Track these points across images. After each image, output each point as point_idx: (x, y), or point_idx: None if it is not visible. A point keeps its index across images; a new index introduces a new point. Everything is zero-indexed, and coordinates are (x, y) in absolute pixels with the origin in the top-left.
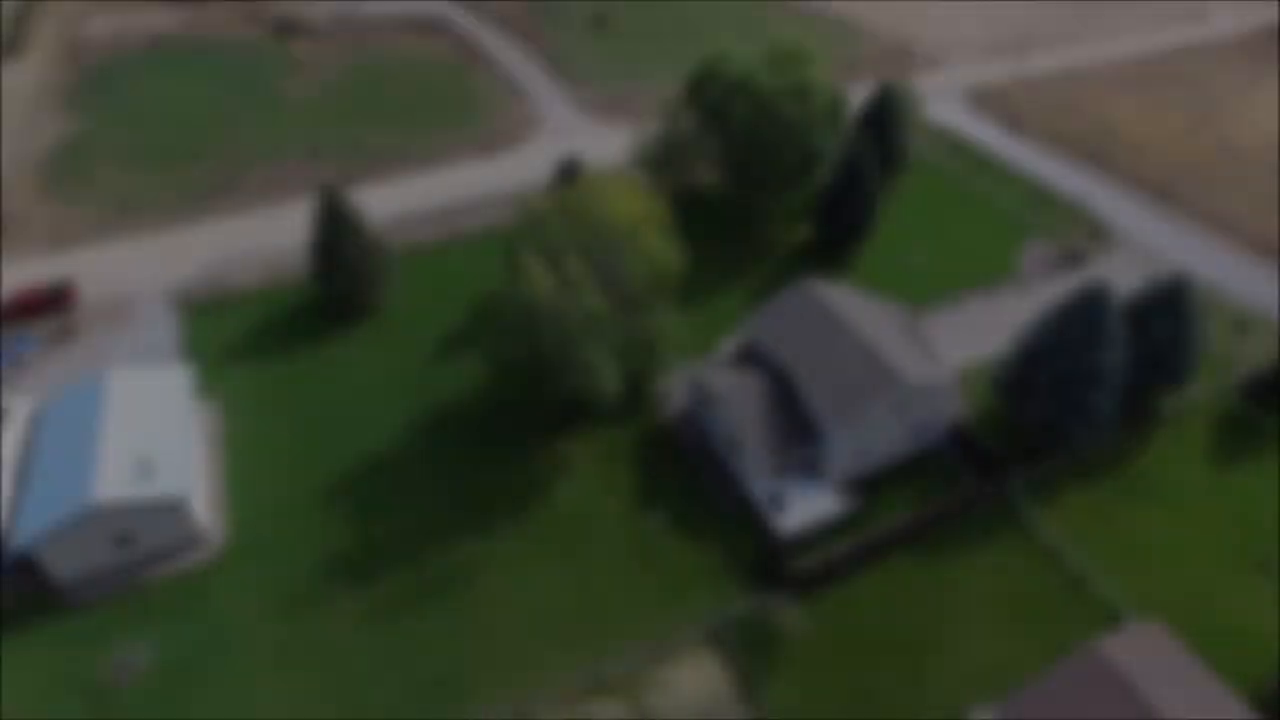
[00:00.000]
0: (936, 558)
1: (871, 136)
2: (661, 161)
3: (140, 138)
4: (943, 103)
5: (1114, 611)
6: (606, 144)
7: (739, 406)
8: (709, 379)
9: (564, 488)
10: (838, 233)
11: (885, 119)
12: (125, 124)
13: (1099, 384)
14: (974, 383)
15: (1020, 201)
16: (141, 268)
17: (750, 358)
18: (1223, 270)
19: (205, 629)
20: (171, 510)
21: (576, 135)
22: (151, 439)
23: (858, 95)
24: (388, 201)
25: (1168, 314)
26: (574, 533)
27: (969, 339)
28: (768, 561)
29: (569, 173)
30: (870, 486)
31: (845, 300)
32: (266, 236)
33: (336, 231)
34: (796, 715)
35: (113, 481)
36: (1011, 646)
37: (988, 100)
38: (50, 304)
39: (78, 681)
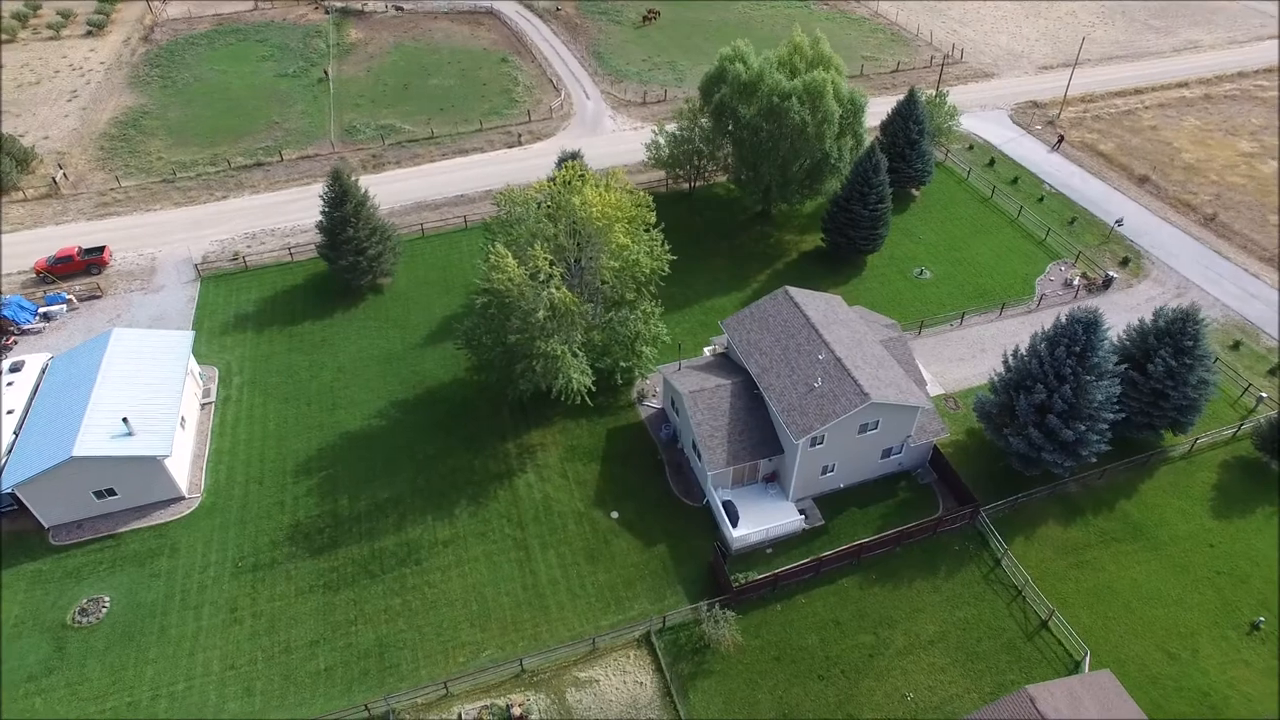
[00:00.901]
0: (893, 583)
1: (891, 145)
2: (676, 161)
3: (193, 114)
4: (987, 115)
5: (1074, 658)
6: (634, 140)
7: (702, 411)
8: (677, 380)
9: (527, 478)
10: (844, 242)
11: (907, 128)
12: (181, 101)
13: (1081, 416)
14: (965, 406)
15: (1053, 222)
16: (172, 236)
17: (726, 362)
18: (1261, 309)
19: (168, 582)
20: (148, 467)
21: (606, 131)
22: (139, 398)
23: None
24: (411, 186)
25: (1171, 349)
26: (529, 523)
27: (965, 361)
28: (713, 570)
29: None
30: (835, 504)
31: (827, 310)
32: (290, 213)
33: (343, 212)
34: None
35: (94, 436)
36: (954, 683)
37: (1036, 115)
38: (84, 266)
39: (46, 618)
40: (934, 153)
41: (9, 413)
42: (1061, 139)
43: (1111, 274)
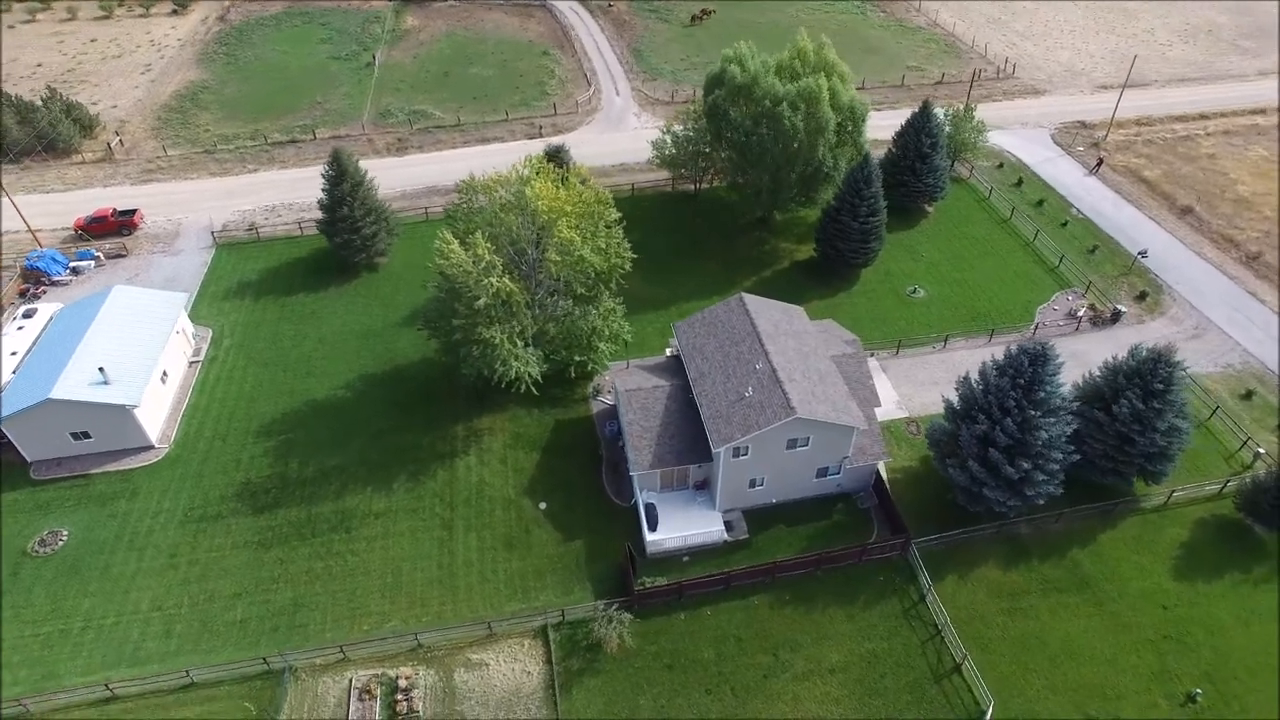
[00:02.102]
0: (806, 606)
1: (901, 158)
2: (679, 161)
3: (246, 91)
4: (1027, 133)
5: (980, 707)
6: (653, 138)
7: (635, 410)
8: (620, 378)
9: (468, 460)
10: (834, 253)
11: (919, 141)
12: (239, 78)
13: (1028, 453)
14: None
15: (1072, 248)
16: (201, 204)
17: (675, 364)
18: None
19: (121, 523)
20: (119, 415)
21: (628, 128)
22: (122, 351)
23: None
24: (427, 171)
25: (1140, 390)
26: (459, 505)
27: (939, 385)
28: (623, 571)
29: (553, 157)
30: (765, 520)
31: (780, 320)
32: (310, 190)
33: (340, 191)
34: None
35: (72, 382)
36: (845, 717)
37: (1080, 136)
38: (117, 226)
39: (8, 545)
40: (949, 167)
41: (12, 354)
42: (1100, 162)
43: (1120, 308)
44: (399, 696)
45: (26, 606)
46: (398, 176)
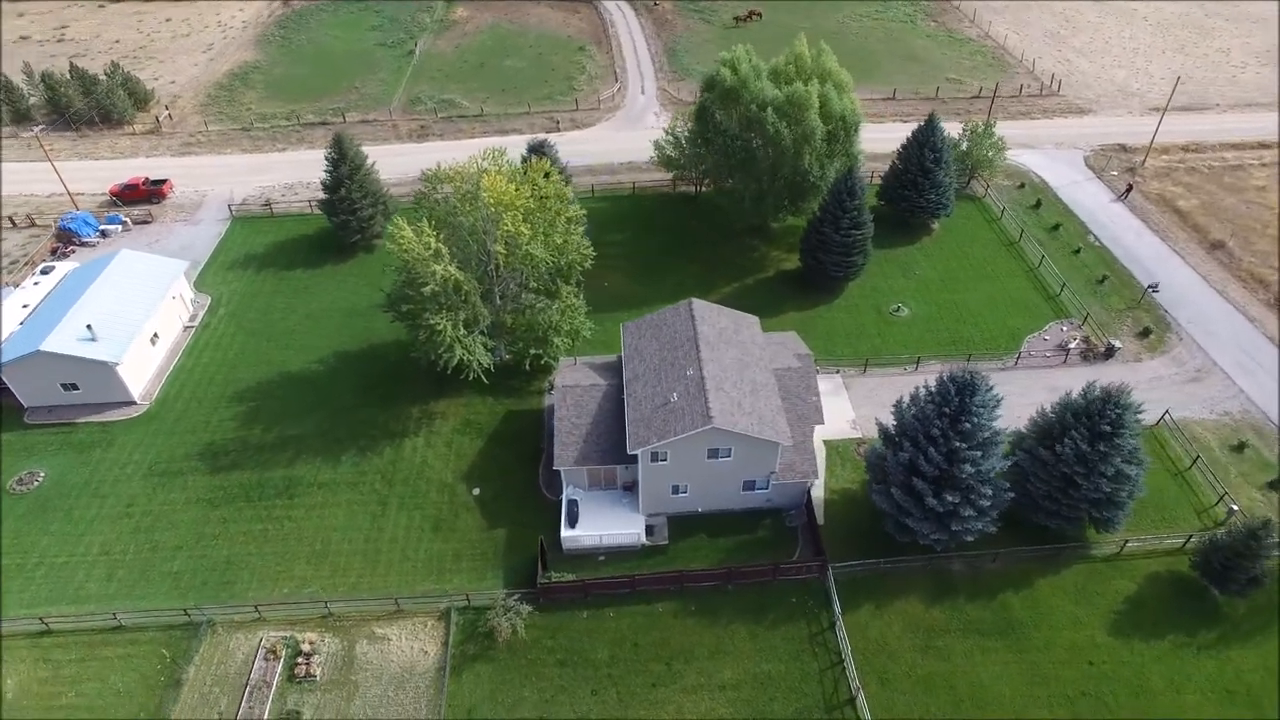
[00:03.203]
0: (710, 619)
1: (904, 172)
2: (677, 162)
3: (293, 73)
4: (1060, 154)
5: None
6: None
7: (568, 407)
8: (561, 375)
9: (416, 441)
10: (815, 265)
11: (921, 155)
12: (287, 61)
13: (957, 486)
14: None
15: (1079, 278)
16: (228, 178)
17: (619, 365)
18: None
19: (93, 471)
20: (102, 371)
21: (645, 126)
22: (115, 311)
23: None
24: (441, 158)
25: (1086, 431)
26: (398, 483)
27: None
28: (532, 564)
29: (537, 152)
30: (688, 528)
31: (725, 328)
32: None
33: (339, 174)
34: (463, 715)
35: (62, 337)
36: None
37: (1117, 159)
38: (148, 195)
39: None
40: (955, 184)
41: (24, 306)
42: (1130, 188)
43: (1115, 343)
44: (300, 660)
45: None
46: (413, 162)
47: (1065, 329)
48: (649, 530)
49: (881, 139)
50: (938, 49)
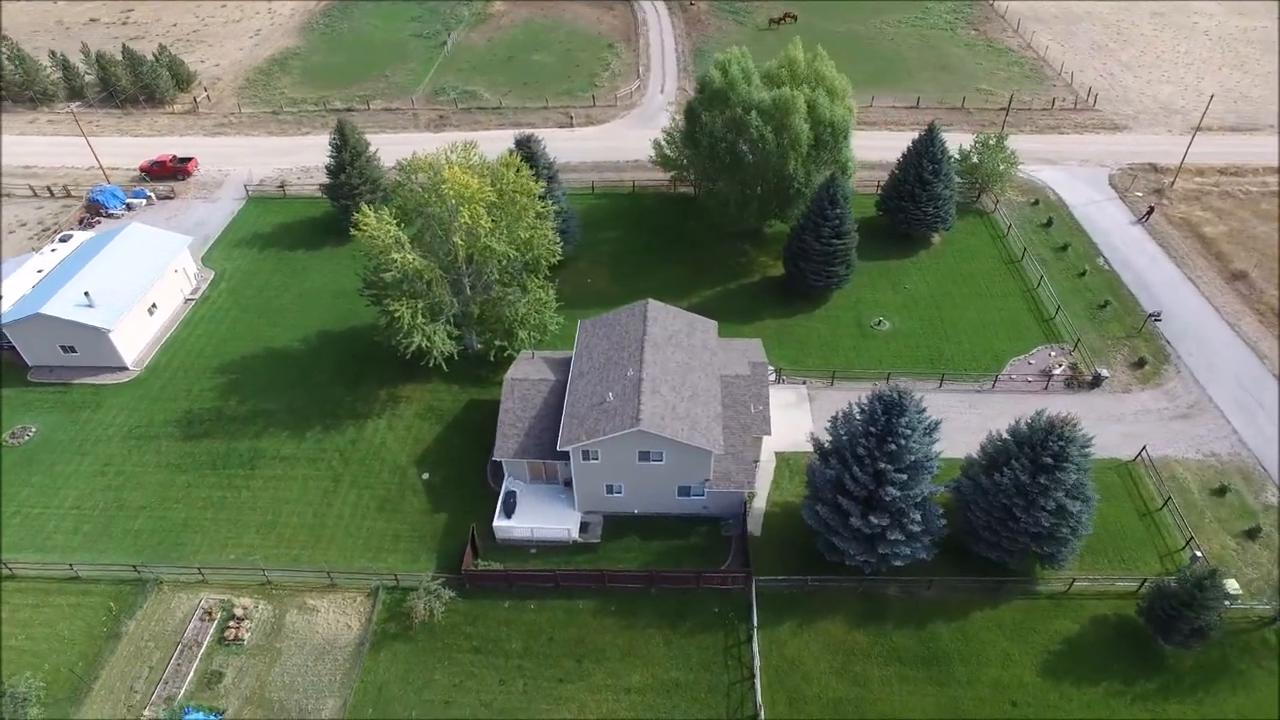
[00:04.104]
0: (628, 621)
1: (900, 183)
2: (674, 162)
3: (329, 60)
4: (1084, 171)
5: None
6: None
7: (514, 400)
8: (515, 368)
9: (378, 423)
10: (796, 273)
11: (920, 166)
12: (325, 49)
13: (881, 507)
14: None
15: (1081, 301)
16: (250, 159)
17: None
18: None
19: (79, 430)
20: (96, 336)
21: (658, 125)
22: (114, 280)
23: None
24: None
25: (1028, 462)
26: (353, 462)
27: None
28: (462, 551)
29: (523, 146)
30: (623, 528)
31: (677, 331)
32: None
33: (341, 159)
34: (374, 692)
35: (62, 302)
36: None
37: (1145, 180)
38: (174, 172)
39: None
40: (955, 196)
41: (38, 271)
42: (1151, 210)
43: (1103, 372)
44: (232, 624)
45: None
46: (425, 151)
47: (1053, 354)
48: (584, 528)
49: (897, 148)
50: (973, 58)
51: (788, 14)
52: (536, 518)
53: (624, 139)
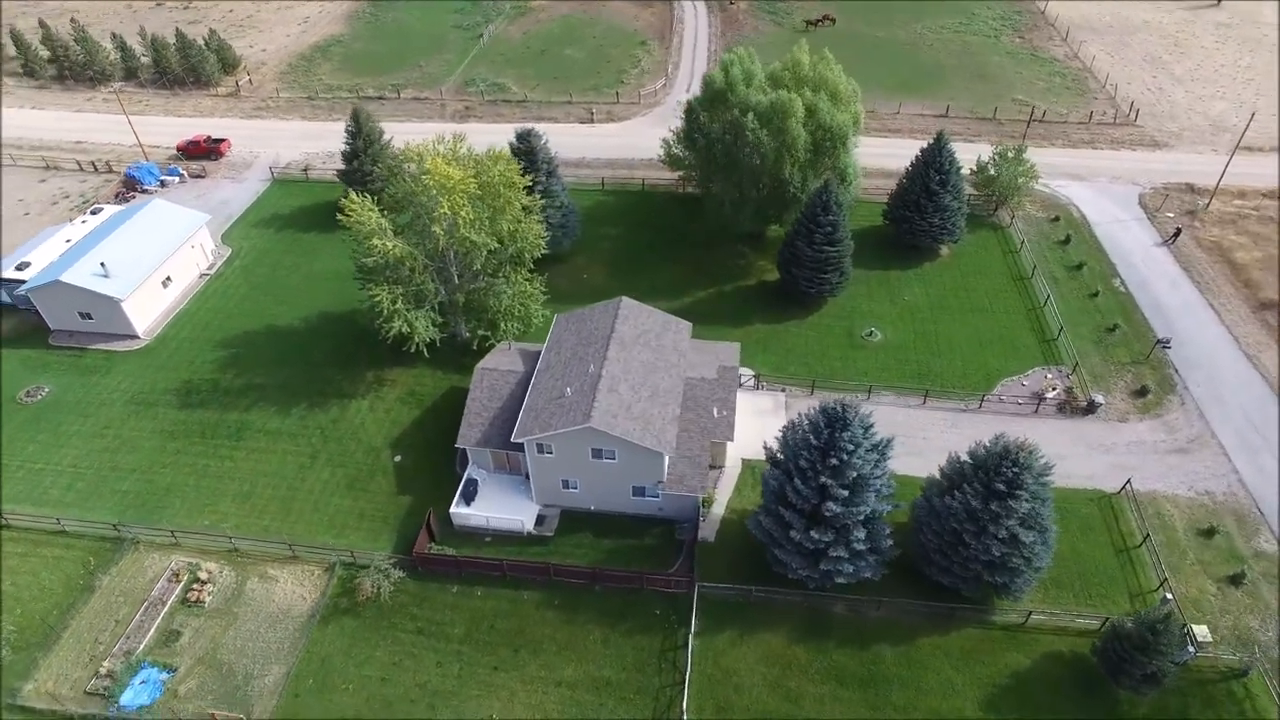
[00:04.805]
0: (569, 615)
1: (906, 193)
2: (680, 162)
3: (369, 49)
4: (1113, 189)
5: None
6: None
7: (482, 389)
8: (489, 358)
9: (361, 404)
10: (789, 280)
11: (926, 176)
12: (367, 37)
13: (821, 523)
14: None
15: (1088, 323)
16: (281, 142)
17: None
18: None
19: (87, 393)
20: (109, 305)
21: (674, 124)
22: (131, 253)
23: (1033, 156)
24: (473, 140)
25: (981, 488)
26: (331, 440)
27: None
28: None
29: (523, 140)
30: (579, 524)
31: (646, 330)
32: None
33: (355, 146)
34: (317, 663)
35: (80, 271)
36: None
37: (1178, 201)
38: (207, 152)
39: (7, 392)
40: (964, 208)
41: (66, 241)
42: (1179, 232)
43: (1098, 398)
44: (196, 586)
45: None
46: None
47: (1050, 376)
48: (540, 520)
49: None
50: (1014, 67)
51: (826, 16)
52: (494, 507)
53: (641, 136)
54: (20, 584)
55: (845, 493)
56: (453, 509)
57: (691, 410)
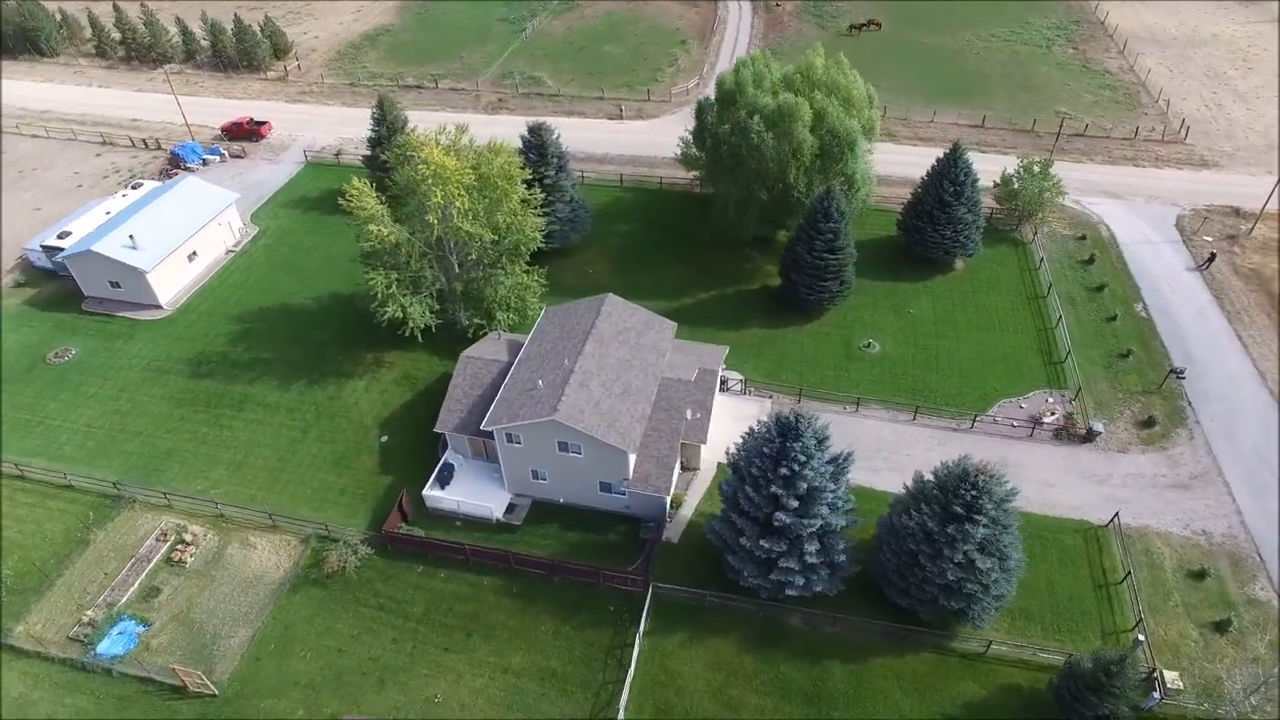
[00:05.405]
0: (524, 604)
1: (918, 204)
2: (696, 163)
3: (414, 39)
4: (1149, 209)
5: None
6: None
7: (465, 376)
8: (477, 346)
9: (357, 384)
10: (789, 286)
11: (940, 187)
12: (414, 27)
13: (773, 532)
14: None
15: (1101, 348)
16: (318, 127)
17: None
18: None
19: (109, 357)
20: (135, 275)
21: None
22: (160, 227)
23: (1068, 171)
24: (499, 131)
25: (938, 509)
26: (325, 417)
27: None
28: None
29: (535, 134)
30: (547, 515)
31: (627, 328)
32: None
33: (379, 133)
34: (281, 629)
35: (111, 242)
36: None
37: (1214, 222)
38: (249, 133)
39: (38, 350)
40: (979, 222)
41: (106, 213)
42: (1213, 257)
43: (1097, 426)
44: (180, 547)
45: (19, 395)
46: (475, 133)
47: (1050, 400)
48: (510, 509)
49: None
50: (1062, 79)
51: (872, 20)
52: (466, 492)
53: (667, 135)
54: (26, 532)
55: (796, 503)
56: (425, 491)
57: (664, 410)
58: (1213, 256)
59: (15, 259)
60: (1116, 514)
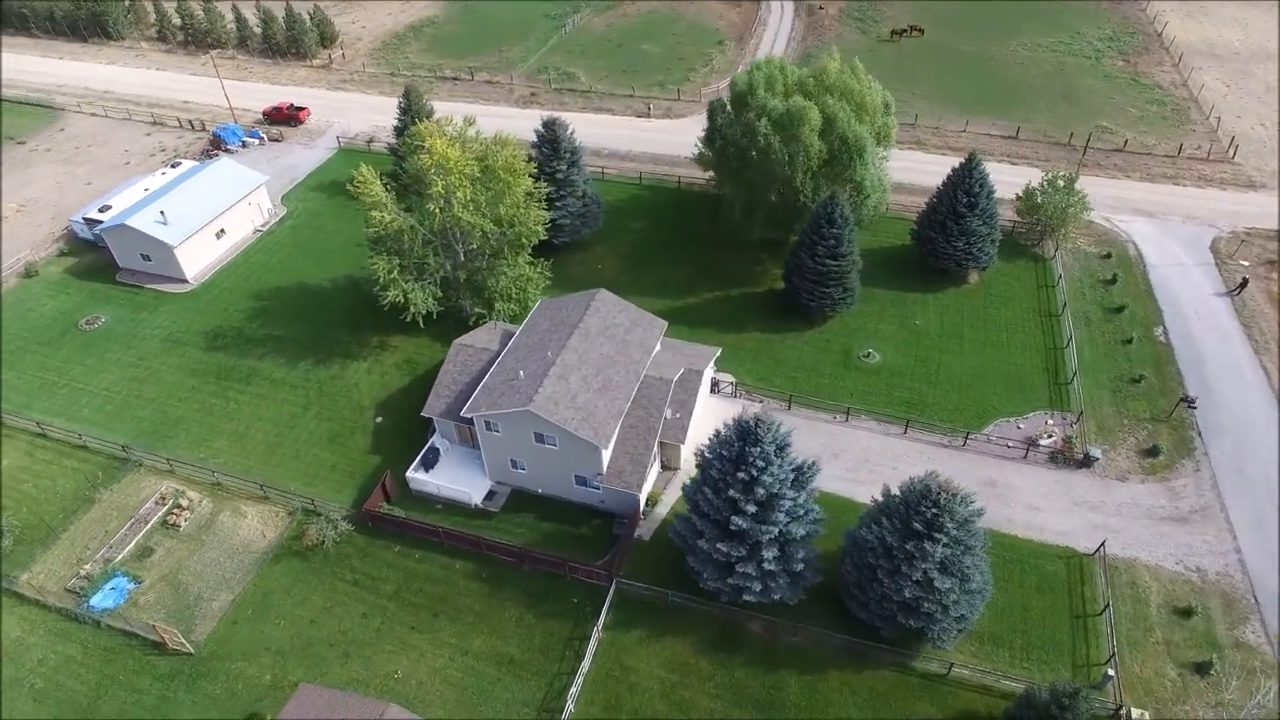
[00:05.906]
0: (491, 590)
1: (931, 214)
2: (707, 162)
3: (456, 31)
4: (1183, 230)
5: None
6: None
7: (456, 363)
8: (471, 335)
9: (360, 365)
10: (791, 291)
11: (954, 198)
12: (458, 20)
13: (731, 536)
14: None
15: (1110, 370)
16: (354, 114)
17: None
18: None
19: (134, 326)
20: (163, 250)
21: None
22: (191, 204)
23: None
24: (522, 125)
25: (899, 525)
26: (326, 396)
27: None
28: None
29: (549, 128)
30: (525, 504)
31: (615, 324)
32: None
33: (404, 121)
34: (259, 596)
35: (143, 217)
36: (443, 699)
37: (1255, 246)
38: (288, 118)
39: (71, 317)
40: (995, 235)
41: (145, 190)
42: (1245, 283)
43: (1095, 452)
44: (176, 510)
45: (50, 357)
46: (501, 125)
47: (1050, 422)
48: (489, 495)
49: None
50: (1107, 91)
51: (914, 26)
52: (448, 477)
53: (690, 135)
54: (40, 487)
55: (754, 508)
56: (409, 473)
57: (643, 408)
58: (1245, 282)
59: (62, 230)
60: (1103, 543)
